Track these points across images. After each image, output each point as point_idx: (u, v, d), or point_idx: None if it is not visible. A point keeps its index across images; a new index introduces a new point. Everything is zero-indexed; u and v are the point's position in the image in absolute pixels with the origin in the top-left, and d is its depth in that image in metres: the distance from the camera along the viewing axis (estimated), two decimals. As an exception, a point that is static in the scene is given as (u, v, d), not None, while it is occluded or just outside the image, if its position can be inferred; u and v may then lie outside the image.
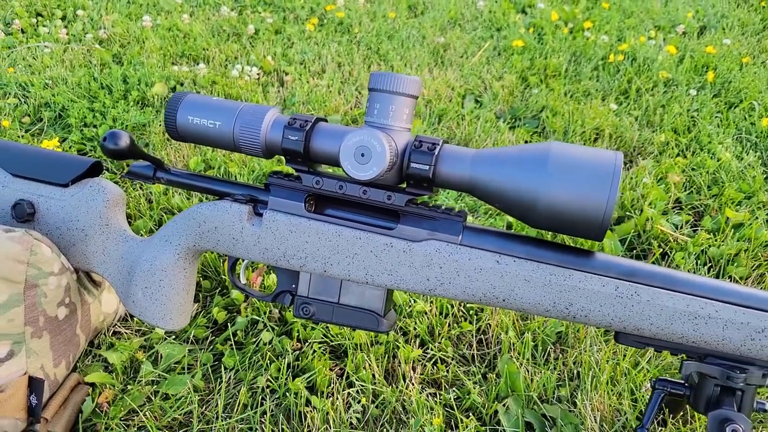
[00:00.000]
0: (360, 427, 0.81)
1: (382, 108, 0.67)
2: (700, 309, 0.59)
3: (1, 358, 0.77)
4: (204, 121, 0.73)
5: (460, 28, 2.50)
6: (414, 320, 0.96)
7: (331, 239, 0.71)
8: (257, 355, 0.90)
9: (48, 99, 1.63)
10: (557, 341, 0.95)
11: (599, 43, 2.21)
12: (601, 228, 0.59)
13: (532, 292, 0.64)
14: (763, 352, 0.58)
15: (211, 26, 2.32)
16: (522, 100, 1.85)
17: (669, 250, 1.15)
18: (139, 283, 0.81)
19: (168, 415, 0.81)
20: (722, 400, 0.60)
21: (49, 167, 0.85)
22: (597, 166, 0.58)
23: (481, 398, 0.84)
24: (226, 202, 0.76)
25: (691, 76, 1.93)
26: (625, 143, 1.57)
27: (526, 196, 0.60)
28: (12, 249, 0.75)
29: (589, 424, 0.80)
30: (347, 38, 2.29)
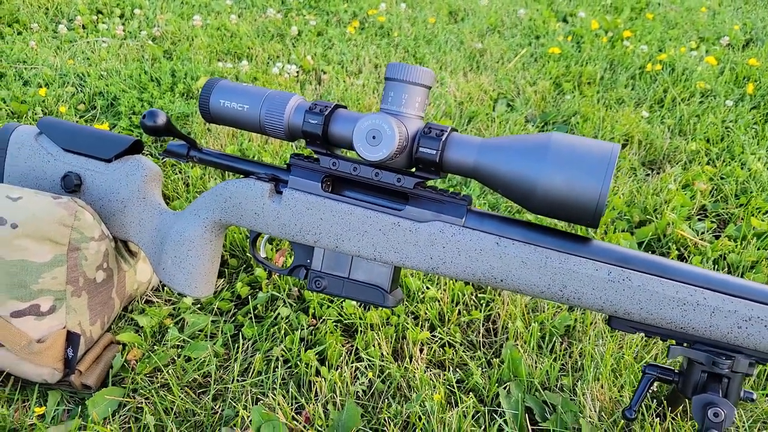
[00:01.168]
0: (365, 398, 0.85)
1: (396, 96, 0.71)
2: (689, 296, 0.60)
3: (44, 311, 0.85)
4: (234, 104, 0.78)
5: (498, 34, 2.53)
6: (426, 305, 0.99)
7: (344, 217, 0.76)
8: (274, 327, 0.95)
9: (102, 89, 1.74)
10: (565, 334, 0.97)
11: (638, 52, 2.19)
12: (595, 215, 0.61)
13: (528, 274, 0.67)
14: (749, 340, 0.59)
15: (257, 27, 2.41)
16: (554, 106, 1.86)
17: (688, 255, 1.15)
18: (169, 252, 0.87)
19: (188, 375, 0.87)
20: (708, 386, 0.61)
21: (95, 144, 0.93)
22: (593, 156, 0.61)
23: (483, 381, 0.87)
24: (250, 180, 0.81)
25: (730, 88, 1.90)
26: (654, 150, 1.56)
27: (526, 182, 0.64)
28: (58, 213, 0.83)
29: (587, 412, 0.82)
30: (386, 41, 2.34)
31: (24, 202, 0.83)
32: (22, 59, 1.94)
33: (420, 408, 0.80)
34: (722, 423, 0.58)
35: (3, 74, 1.85)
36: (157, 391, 0.84)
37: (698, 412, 0.60)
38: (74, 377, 0.87)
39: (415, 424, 0.80)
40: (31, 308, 0.84)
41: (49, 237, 0.83)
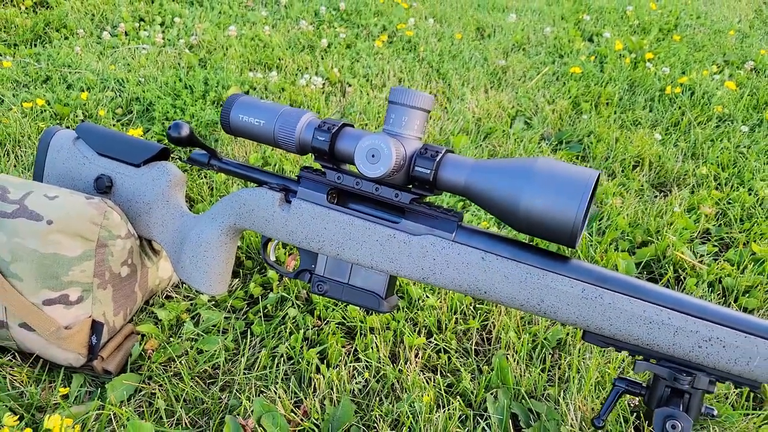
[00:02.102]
0: (360, 396, 0.91)
1: (396, 118, 0.77)
2: (655, 315, 0.64)
3: (73, 301, 0.93)
4: (251, 119, 0.85)
5: (523, 52, 2.57)
6: (425, 313, 1.05)
7: (345, 227, 0.82)
8: (282, 326, 1.02)
9: (139, 94, 1.84)
10: (556, 346, 1.01)
11: (659, 74, 2.21)
12: (571, 235, 0.66)
13: (509, 287, 0.72)
14: (709, 359, 0.62)
15: (289, 38, 2.50)
16: (570, 125, 1.89)
17: (684, 277, 1.17)
18: (188, 252, 0.94)
19: (199, 366, 0.94)
20: (671, 400, 0.65)
21: (127, 149, 1.01)
22: (572, 181, 0.66)
23: (472, 386, 0.91)
24: (263, 189, 0.88)
25: (749, 113, 1.90)
26: (666, 172, 1.58)
27: (510, 203, 0.69)
28: (89, 212, 0.91)
29: (569, 422, 0.86)
30: (412, 56, 2.40)
31: (59, 200, 0.91)
32: (67, 63, 2.06)
33: (409, 408, 0.86)
34: (678, 435, 0.62)
35: (49, 77, 1.97)
36: (169, 379, 0.91)
37: (658, 424, 0.63)
38: (97, 363, 0.95)
39: (403, 422, 0.85)
40: (61, 297, 0.92)
41: (80, 233, 0.91)
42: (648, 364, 0.67)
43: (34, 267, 0.89)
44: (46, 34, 2.37)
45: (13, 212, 0.89)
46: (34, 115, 1.70)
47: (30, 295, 0.90)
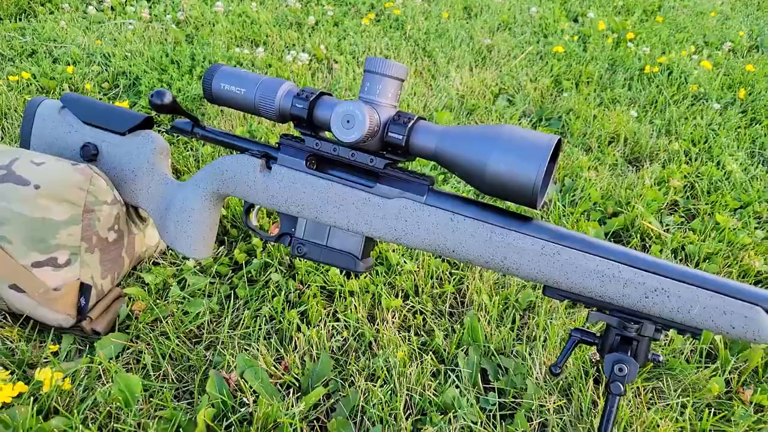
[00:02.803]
0: (338, 353, 0.95)
1: (371, 86, 0.80)
2: (607, 269, 0.69)
3: (61, 264, 0.96)
4: (232, 88, 0.88)
5: (509, 31, 2.59)
6: (403, 277, 1.09)
7: (323, 191, 0.85)
8: (265, 290, 1.06)
9: (125, 69, 1.85)
10: (527, 308, 1.06)
11: (639, 54, 2.24)
12: (532, 196, 0.70)
13: (475, 246, 0.76)
14: (655, 308, 0.67)
15: (277, 15, 2.51)
16: (551, 102, 1.93)
17: (650, 245, 1.22)
18: (173, 217, 0.97)
19: (185, 326, 0.98)
20: (620, 347, 0.70)
21: (111, 118, 1.04)
22: (534, 145, 0.69)
23: (444, 343, 0.96)
24: (244, 155, 0.91)
25: (723, 92, 1.94)
26: (640, 148, 1.63)
27: (477, 166, 0.72)
28: (76, 177, 0.94)
29: (535, 375, 0.91)
30: (399, 34, 2.42)
31: (46, 166, 0.94)
32: (53, 38, 2.06)
33: (384, 363, 0.90)
34: (625, 377, 0.67)
35: (35, 51, 1.98)
36: (156, 338, 0.95)
37: (608, 367, 0.68)
38: (85, 323, 0.98)
39: (378, 376, 0.90)
40: (49, 260, 0.95)
41: (66, 198, 0.94)
42: (600, 314, 0.71)
43: (22, 230, 0.92)
44: (31, 8, 2.36)
45: (1, 177, 0.92)
46: (20, 89, 1.71)
47: (19, 257, 0.93)
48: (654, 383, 0.93)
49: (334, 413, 0.86)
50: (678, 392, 0.91)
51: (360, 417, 0.85)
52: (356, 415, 0.86)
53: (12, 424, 0.76)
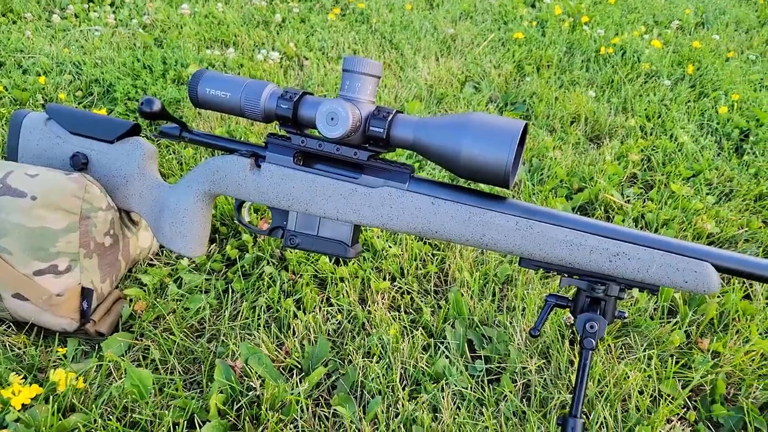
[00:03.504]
0: (334, 335, 1.01)
1: (351, 84, 0.85)
2: (575, 238, 0.76)
3: (62, 270, 0.99)
4: (218, 92, 0.92)
5: (470, 20, 2.65)
6: (388, 261, 1.15)
7: (312, 185, 0.90)
8: (260, 282, 1.11)
9: (98, 76, 1.86)
10: (505, 282, 1.13)
11: (595, 36, 2.33)
12: (504, 177, 0.76)
13: (456, 226, 0.82)
14: (618, 270, 0.75)
15: (243, 14, 2.52)
16: (515, 87, 2.00)
17: (613, 215, 1.31)
18: (167, 219, 1.01)
19: (186, 322, 1.02)
20: (590, 307, 0.77)
21: (99, 127, 1.06)
22: (503, 130, 0.76)
23: (432, 319, 1.03)
24: (234, 156, 0.95)
25: (673, 69, 2.05)
26: (599, 126, 1.72)
27: (452, 153, 0.78)
28: (71, 186, 0.97)
29: (516, 341, 0.99)
30: (365, 27, 2.46)
31: (40, 177, 0.97)
32: (19, 48, 2.05)
33: (378, 340, 0.97)
34: (596, 333, 0.74)
35: (2, 63, 1.96)
36: (160, 335, 1.00)
37: (580, 326, 0.76)
38: (89, 326, 1.02)
39: (374, 353, 0.96)
40: (50, 267, 0.98)
41: (63, 207, 0.97)
42: (571, 279, 0.79)
43: (22, 240, 0.95)
44: (-6, 20, 2.33)
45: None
46: (-6, 102, 1.70)
47: (21, 266, 0.96)
48: (623, 340, 1.01)
49: (336, 390, 0.92)
50: (644, 346, 0.99)
51: (360, 391, 0.92)
52: (356, 389, 0.92)
53: (34, 423, 0.80)
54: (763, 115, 1.73)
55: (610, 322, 0.76)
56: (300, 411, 0.86)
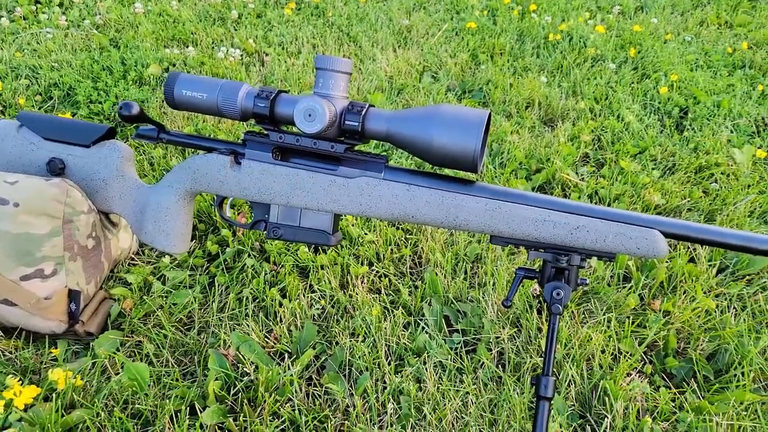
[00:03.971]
0: (319, 320, 1.06)
1: (324, 82, 0.90)
2: (539, 216, 0.83)
3: (48, 274, 1.00)
4: (195, 94, 0.95)
5: (424, 10, 2.70)
6: (365, 248, 1.20)
7: (292, 179, 0.95)
8: (243, 274, 1.14)
9: (56, 80, 1.83)
10: (475, 260, 1.20)
11: (543, 23, 2.43)
12: (473, 163, 0.82)
13: (431, 210, 0.88)
14: (578, 242, 0.83)
15: (198, 11, 2.50)
16: (471, 75, 2.07)
17: (569, 193, 1.40)
18: (150, 218, 1.04)
19: (175, 316, 1.05)
20: (556, 277, 0.85)
21: (74, 132, 1.07)
22: (470, 120, 0.82)
23: (410, 298, 1.09)
24: (213, 154, 0.98)
25: (617, 52, 2.16)
26: (552, 110, 1.81)
27: (424, 143, 0.84)
28: (52, 192, 0.98)
29: (489, 313, 1.06)
30: (322, 21, 2.48)
31: (20, 184, 0.98)
32: (-31, 54, 1.99)
33: (362, 321, 1.02)
34: (562, 299, 0.82)
35: (-45, 70, 1.90)
36: (151, 330, 1.02)
37: (548, 294, 0.83)
38: (78, 326, 1.03)
39: (359, 333, 1.02)
40: (36, 272, 0.99)
41: (46, 212, 0.98)
42: (537, 252, 0.86)
43: (7, 247, 0.96)
44: (-61, 25, 2.24)
45: (-21, 200, 0.95)
46: (-49, 110, 1.66)
47: (7, 273, 0.97)
48: (584, 306, 1.10)
49: (325, 370, 0.98)
50: (603, 310, 1.08)
51: (348, 369, 0.97)
52: (345, 368, 0.97)
53: (38, 421, 0.82)
54: (700, 93, 1.86)
55: (573, 289, 0.84)
56: (294, 391, 0.91)
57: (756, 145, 1.70)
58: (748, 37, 2.48)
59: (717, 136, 1.68)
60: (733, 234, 0.81)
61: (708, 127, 1.72)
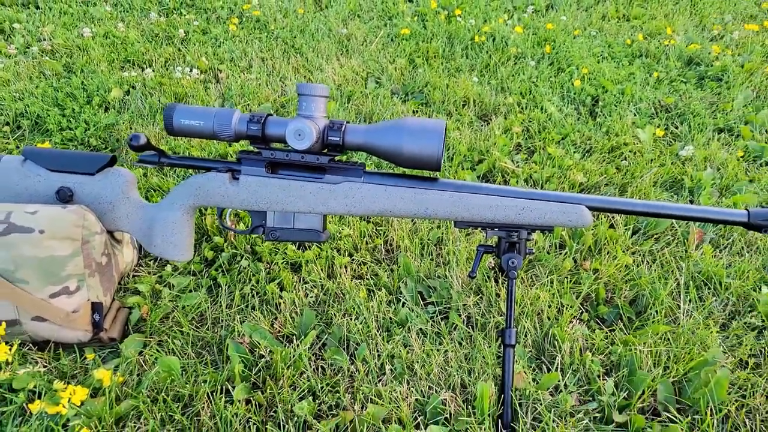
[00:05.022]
0: (315, 306, 1.22)
1: (307, 105, 1.05)
2: (492, 202, 1.03)
3: (73, 290, 1.11)
4: (192, 122, 1.08)
5: (359, 18, 2.86)
6: (343, 241, 1.37)
7: (285, 188, 1.10)
8: (240, 275, 1.28)
9: (23, 109, 1.86)
10: (437, 243, 1.40)
11: (468, 26, 2.65)
12: (437, 163, 1.01)
13: (405, 204, 1.06)
14: (524, 220, 1.03)
15: (144, 31, 2.55)
16: (411, 79, 2.26)
17: (509, 179, 1.62)
18: (158, 233, 1.16)
19: (189, 316, 1.18)
20: (509, 249, 1.05)
21: (79, 163, 1.17)
22: (432, 129, 1.00)
23: (389, 280, 1.27)
24: (212, 173, 1.12)
25: (534, 49, 2.41)
26: (485, 106, 2.02)
27: (396, 150, 1.01)
28: (71, 217, 1.09)
29: (455, 286, 1.26)
30: (266, 35, 2.59)
31: (41, 213, 1.08)
32: None
33: (353, 303, 1.19)
34: (516, 267, 1.02)
35: None
36: (169, 330, 1.15)
37: (505, 263, 1.03)
38: (102, 334, 1.15)
39: (351, 313, 1.19)
40: (62, 289, 1.09)
41: (68, 236, 1.08)
42: (493, 231, 1.06)
43: (35, 270, 1.06)
44: None
45: (3, 230, 1.05)
46: None
47: (37, 292, 1.07)
48: (532, 271, 1.32)
49: (327, 346, 1.14)
50: (546, 273, 1.30)
51: (347, 343, 1.14)
52: (343, 343, 1.14)
53: (94, 413, 0.94)
54: (607, 83, 2.13)
55: (523, 258, 1.04)
56: (305, 365, 1.07)
57: (655, 125, 1.98)
58: (643, 28, 2.81)
59: (623, 119, 1.96)
60: (641, 203, 1.03)
61: (616, 113, 1.99)
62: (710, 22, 2.94)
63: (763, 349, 1.17)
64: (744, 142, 1.88)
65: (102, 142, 1.77)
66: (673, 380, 1.08)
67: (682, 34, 2.73)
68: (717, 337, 1.18)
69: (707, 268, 1.34)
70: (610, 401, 1.04)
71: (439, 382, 1.06)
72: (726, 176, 1.70)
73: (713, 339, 1.16)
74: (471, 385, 1.06)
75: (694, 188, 1.66)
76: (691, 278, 1.33)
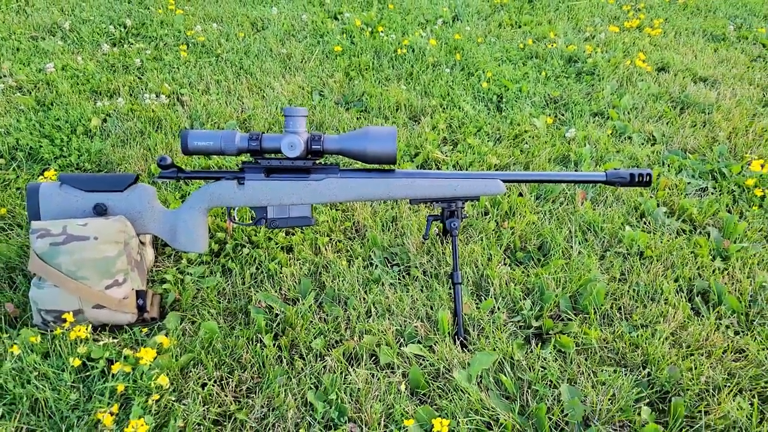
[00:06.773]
0: (309, 274, 1.55)
1: (293, 124, 1.37)
2: (435, 182, 1.40)
3: (121, 282, 1.37)
4: (203, 143, 1.37)
5: (294, 38, 3.15)
6: (321, 226, 1.70)
7: (281, 187, 1.41)
8: (245, 258, 1.58)
9: (14, 143, 2.03)
10: (392, 219, 1.76)
11: (390, 40, 3.01)
12: (393, 160, 1.36)
13: (375, 190, 1.41)
14: (459, 194, 1.41)
15: (100, 62, 2.71)
16: (350, 90, 2.59)
17: (441, 166, 2.00)
18: (182, 232, 1.44)
19: (212, 294, 1.47)
20: (451, 216, 1.43)
21: (109, 183, 1.43)
22: (387, 135, 1.35)
23: (362, 251, 1.61)
24: (222, 181, 1.42)
25: (448, 57, 2.82)
26: (414, 108, 2.40)
27: (361, 151, 1.36)
28: (117, 225, 1.35)
29: (412, 251, 1.62)
30: (215, 58, 2.83)
31: (91, 225, 1.33)
32: None
33: (336, 269, 1.53)
34: (456, 227, 1.40)
35: None
36: (202, 304, 1.43)
37: (449, 225, 1.41)
38: (146, 315, 1.42)
39: (337, 277, 1.52)
40: (114, 282, 1.35)
41: (114, 240, 1.34)
42: (439, 203, 1.43)
43: (93, 268, 1.32)
44: None
45: (64, 240, 1.30)
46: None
47: (95, 286, 1.33)
48: (466, 234, 1.71)
49: (323, 304, 1.47)
50: (477, 233, 1.70)
51: (338, 298, 1.48)
52: (336, 299, 1.48)
53: (162, 365, 1.22)
54: (507, 82, 2.57)
55: (461, 220, 1.43)
56: (312, 316, 1.39)
57: (546, 114, 2.44)
58: (532, 33, 3.29)
59: (523, 112, 2.40)
60: (540, 174, 1.44)
61: (516, 106, 2.43)
62: (584, 24, 3.48)
63: (627, 269, 1.62)
64: (612, 123, 2.37)
65: (96, 165, 1.98)
66: (570, 295, 1.50)
67: (562, 36, 3.23)
68: (597, 263, 1.62)
69: (589, 218, 1.79)
70: (529, 314, 1.44)
71: (411, 316, 1.43)
72: (600, 150, 2.18)
73: (594, 265, 1.60)
74: (433, 314, 1.43)
75: (578, 161, 2.12)
76: (578, 226, 1.77)
